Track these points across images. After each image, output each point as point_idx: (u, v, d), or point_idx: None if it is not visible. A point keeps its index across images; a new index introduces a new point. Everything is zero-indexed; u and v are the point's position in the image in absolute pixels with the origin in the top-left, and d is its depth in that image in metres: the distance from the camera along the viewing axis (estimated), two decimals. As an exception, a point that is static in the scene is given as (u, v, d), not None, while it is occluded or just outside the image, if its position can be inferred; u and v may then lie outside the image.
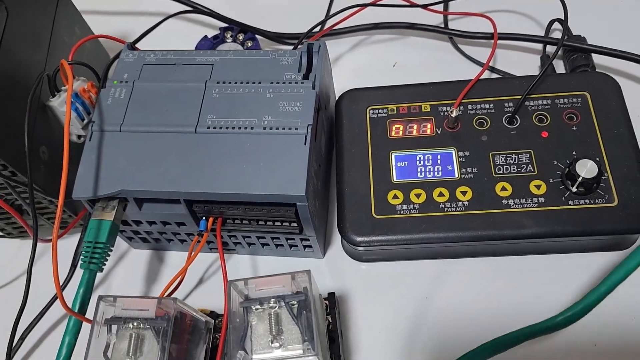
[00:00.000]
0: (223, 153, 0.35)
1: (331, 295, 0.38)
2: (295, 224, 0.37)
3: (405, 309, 0.39)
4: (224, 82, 0.38)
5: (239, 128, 0.36)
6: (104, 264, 0.36)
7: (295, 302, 0.30)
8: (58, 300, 0.39)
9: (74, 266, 0.40)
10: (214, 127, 0.36)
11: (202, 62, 0.39)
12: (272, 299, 0.30)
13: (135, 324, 0.31)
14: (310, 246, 0.40)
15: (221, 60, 0.39)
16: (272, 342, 0.29)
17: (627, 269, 0.29)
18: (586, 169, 0.37)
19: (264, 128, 0.36)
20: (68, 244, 0.43)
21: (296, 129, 0.35)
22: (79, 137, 0.39)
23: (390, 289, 0.40)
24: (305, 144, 0.35)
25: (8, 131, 0.35)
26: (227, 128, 0.36)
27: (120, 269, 0.44)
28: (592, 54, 0.45)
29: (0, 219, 0.42)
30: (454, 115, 0.40)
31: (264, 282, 0.31)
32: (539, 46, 0.49)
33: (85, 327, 0.34)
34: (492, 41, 0.47)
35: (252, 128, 0.36)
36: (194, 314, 0.33)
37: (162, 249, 0.44)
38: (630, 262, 0.29)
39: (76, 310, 0.34)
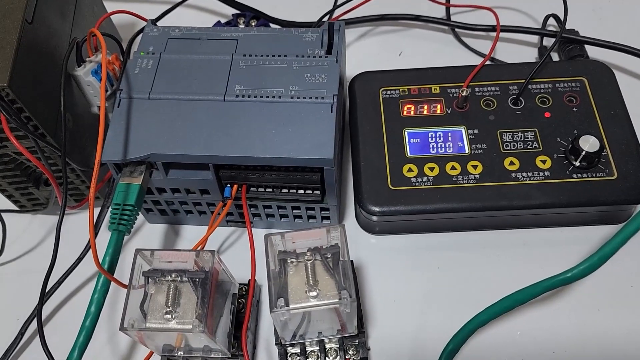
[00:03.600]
0: (251, 119, 0.36)
1: (350, 263, 0.39)
2: (318, 191, 0.38)
3: (418, 279, 0.41)
4: (250, 55, 0.39)
5: (267, 97, 0.37)
6: (132, 227, 0.36)
7: (329, 255, 0.32)
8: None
9: (95, 234, 0.40)
10: (242, 96, 0.37)
11: (226, 37, 0.41)
12: (308, 252, 0.31)
13: (173, 275, 0.31)
14: (328, 217, 0.41)
15: (245, 36, 0.41)
16: (308, 292, 0.30)
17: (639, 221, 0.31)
18: (589, 143, 0.39)
19: (291, 97, 0.37)
20: (83, 218, 0.43)
21: (322, 98, 0.37)
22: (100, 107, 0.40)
23: (404, 260, 0.42)
24: (331, 112, 0.36)
25: (40, 95, 0.36)
26: (255, 97, 0.37)
27: (135, 244, 0.44)
28: (586, 45, 0.49)
29: (17, 190, 0.42)
30: (464, 94, 0.42)
31: (300, 236, 0.32)
32: (534, 40, 0.52)
33: (113, 287, 0.35)
34: (492, 34, 0.50)
35: (279, 97, 0.37)
36: (226, 272, 0.34)
37: (178, 223, 0.44)
38: (641, 216, 0.31)
39: (105, 269, 0.34)
